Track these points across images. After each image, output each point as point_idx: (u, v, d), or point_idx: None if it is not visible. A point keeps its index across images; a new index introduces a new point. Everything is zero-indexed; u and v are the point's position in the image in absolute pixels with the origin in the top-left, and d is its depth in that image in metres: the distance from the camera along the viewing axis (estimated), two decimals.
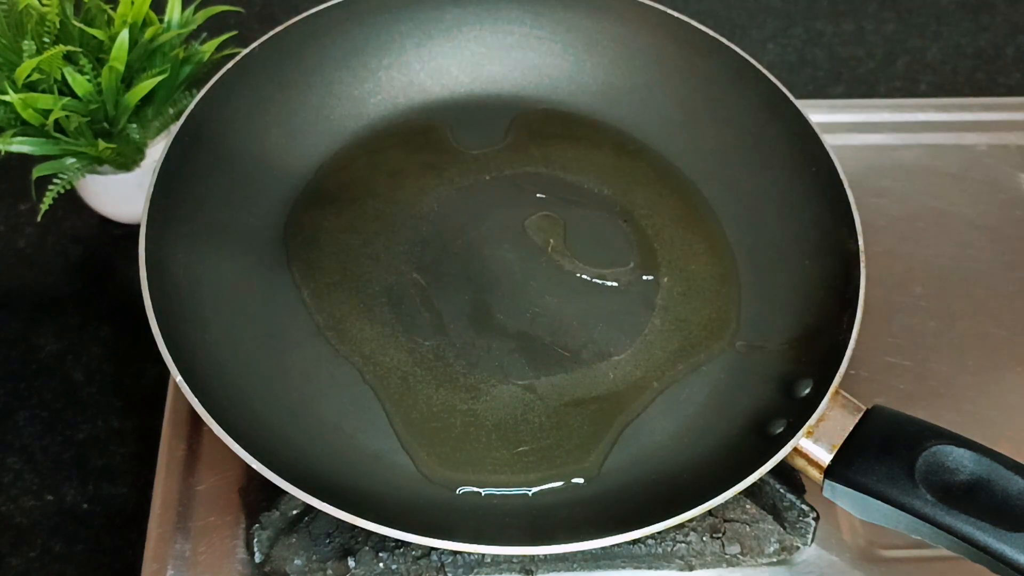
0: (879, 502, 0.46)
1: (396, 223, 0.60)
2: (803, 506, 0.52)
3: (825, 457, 0.48)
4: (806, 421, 0.48)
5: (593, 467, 0.52)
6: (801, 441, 0.48)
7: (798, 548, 0.53)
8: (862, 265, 0.53)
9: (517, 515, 0.50)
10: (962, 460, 0.46)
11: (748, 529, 0.52)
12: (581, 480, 0.52)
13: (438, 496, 0.51)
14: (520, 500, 0.51)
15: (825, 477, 0.48)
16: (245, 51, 0.58)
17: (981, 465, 0.46)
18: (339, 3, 0.61)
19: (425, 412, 0.53)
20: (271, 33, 0.59)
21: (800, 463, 0.49)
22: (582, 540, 0.45)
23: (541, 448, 0.53)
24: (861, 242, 0.54)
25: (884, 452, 0.47)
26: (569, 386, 0.55)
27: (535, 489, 0.52)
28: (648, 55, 0.65)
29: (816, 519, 0.52)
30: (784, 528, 0.53)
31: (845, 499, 0.48)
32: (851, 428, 0.48)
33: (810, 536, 0.52)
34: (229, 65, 0.57)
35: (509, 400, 0.54)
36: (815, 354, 0.53)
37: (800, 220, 0.58)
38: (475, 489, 0.51)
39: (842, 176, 0.56)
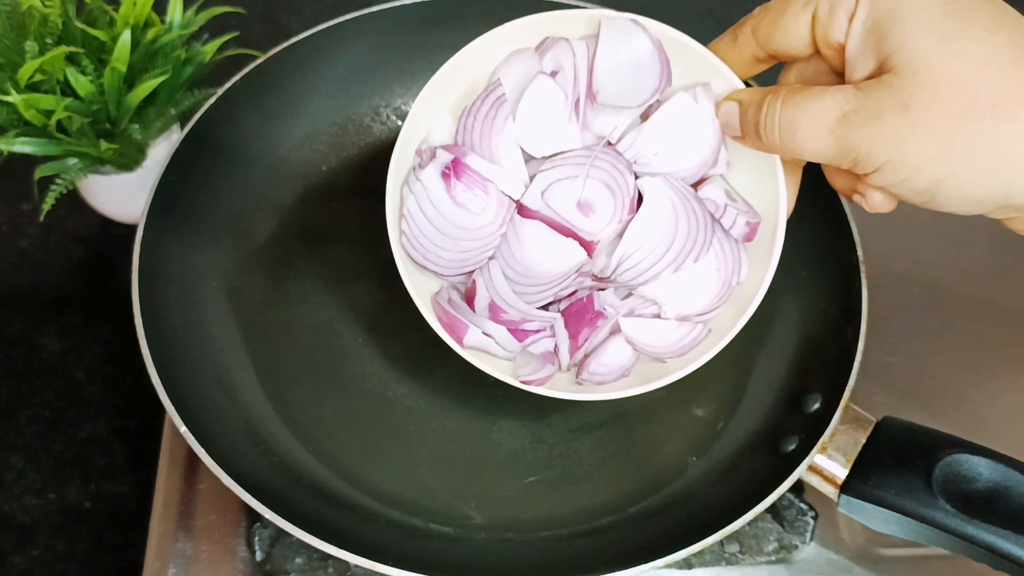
0: (898, 515, 0.46)
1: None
2: (802, 504, 0.53)
3: (840, 472, 0.48)
4: (819, 438, 0.48)
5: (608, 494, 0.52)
6: (816, 457, 0.48)
7: (797, 547, 0.53)
8: (863, 276, 0.53)
9: (533, 547, 0.50)
10: (977, 468, 0.46)
11: (747, 527, 0.53)
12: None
13: (446, 533, 0.51)
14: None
15: (841, 492, 0.48)
16: (251, 66, 0.58)
17: (997, 472, 0.45)
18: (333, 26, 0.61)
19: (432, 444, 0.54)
20: (279, 47, 0.59)
21: (815, 479, 0.49)
22: (603, 572, 0.45)
23: (551, 478, 0.53)
24: (860, 253, 0.54)
25: (900, 464, 0.46)
26: (575, 413, 0.55)
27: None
28: None
29: (815, 518, 0.52)
30: (783, 527, 0.53)
31: (862, 513, 0.48)
32: (863, 442, 0.48)
33: (808, 535, 0.52)
34: (234, 79, 0.57)
35: (516, 430, 0.54)
36: (821, 366, 0.53)
37: (798, 231, 0.58)
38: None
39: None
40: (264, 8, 0.81)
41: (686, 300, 0.46)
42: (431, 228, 0.46)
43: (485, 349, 0.48)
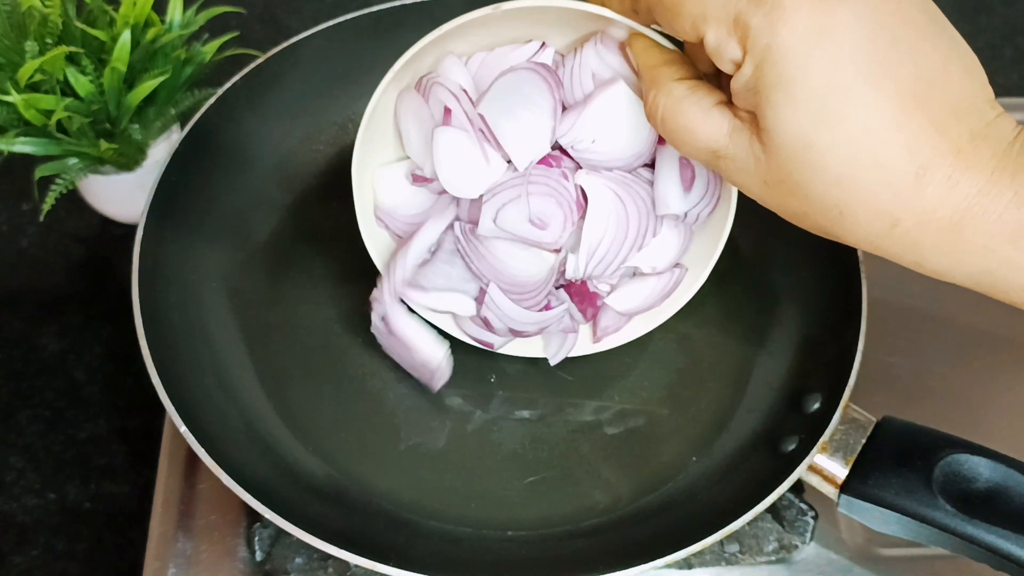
0: (898, 515, 0.46)
1: None
2: (801, 504, 0.53)
3: (840, 472, 0.48)
4: (819, 438, 0.48)
5: (608, 493, 0.52)
6: (816, 457, 0.48)
7: (797, 546, 0.53)
8: (863, 276, 0.53)
9: (533, 546, 0.50)
10: (977, 468, 0.46)
11: (747, 527, 0.53)
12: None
13: (446, 533, 0.51)
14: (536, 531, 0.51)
15: (841, 492, 0.48)
16: (251, 65, 0.58)
17: (997, 472, 0.45)
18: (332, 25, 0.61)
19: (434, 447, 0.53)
20: (279, 47, 0.59)
21: (815, 479, 0.49)
22: (603, 572, 0.44)
23: (551, 478, 0.53)
24: (860, 253, 0.53)
25: (900, 464, 0.46)
26: (575, 413, 0.55)
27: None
28: None
29: (815, 518, 0.52)
30: (783, 527, 0.53)
31: (862, 513, 0.48)
32: (864, 442, 0.48)
33: (808, 534, 0.52)
34: (234, 79, 0.57)
35: (516, 430, 0.54)
36: (821, 367, 0.53)
37: (797, 230, 0.58)
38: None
39: None
40: (264, 8, 0.81)
41: (655, 258, 0.49)
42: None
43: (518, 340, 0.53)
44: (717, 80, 0.40)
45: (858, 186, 0.35)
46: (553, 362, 0.53)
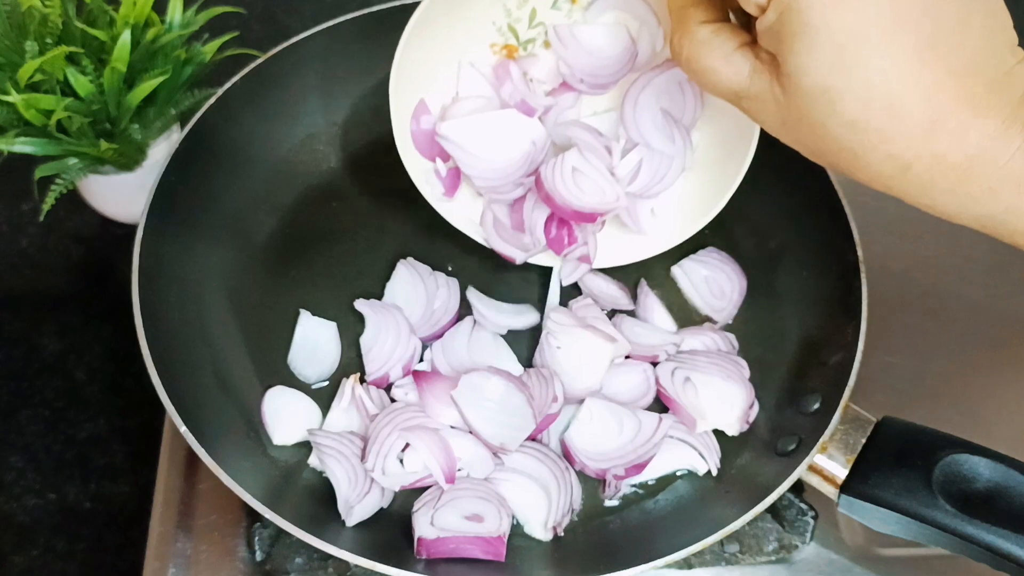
0: (898, 515, 0.46)
1: (397, 227, 0.61)
2: (802, 504, 0.53)
3: (840, 472, 0.48)
4: (819, 438, 0.48)
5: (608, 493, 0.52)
6: (816, 457, 0.48)
7: (797, 546, 0.53)
8: (863, 276, 0.53)
9: (532, 548, 0.50)
10: (977, 468, 0.46)
11: (747, 527, 0.52)
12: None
13: None
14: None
15: (841, 492, 0.48)
16: (251, 66, 0.58)
17: (996, 472, 0.45)
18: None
19: None
20: (279, 47, 0.59)
21: (815, 479, 0.49)
22: (603, 572, 0.45)
23: None
24: (860, 253, 0.54)
25: (900, 464, 0.46)
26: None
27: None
28: None
29: (815, 518, 0.52)
30: (783, 527, 0.53)
31: (862, 513, 0.48)
32: (864, 442, 0.48)
33: (809, 534, 0.52)
34: (234, 79, 0.57)
35: None
36: (821, 367, 0.53)
37: (798, 231, 0.58)
38: None
39: (837, 187, 0.55)
40: (264, 8, 0.81)
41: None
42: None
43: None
44: (745, 17, 0.40)
45: (872, 131, 0.36)
46: (566, 282, 0.56)
